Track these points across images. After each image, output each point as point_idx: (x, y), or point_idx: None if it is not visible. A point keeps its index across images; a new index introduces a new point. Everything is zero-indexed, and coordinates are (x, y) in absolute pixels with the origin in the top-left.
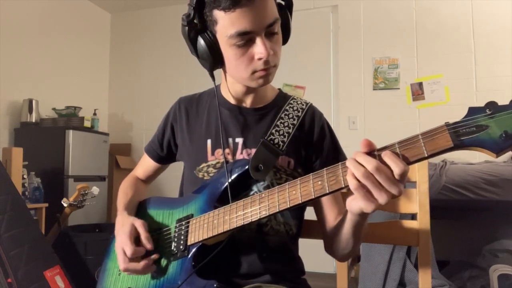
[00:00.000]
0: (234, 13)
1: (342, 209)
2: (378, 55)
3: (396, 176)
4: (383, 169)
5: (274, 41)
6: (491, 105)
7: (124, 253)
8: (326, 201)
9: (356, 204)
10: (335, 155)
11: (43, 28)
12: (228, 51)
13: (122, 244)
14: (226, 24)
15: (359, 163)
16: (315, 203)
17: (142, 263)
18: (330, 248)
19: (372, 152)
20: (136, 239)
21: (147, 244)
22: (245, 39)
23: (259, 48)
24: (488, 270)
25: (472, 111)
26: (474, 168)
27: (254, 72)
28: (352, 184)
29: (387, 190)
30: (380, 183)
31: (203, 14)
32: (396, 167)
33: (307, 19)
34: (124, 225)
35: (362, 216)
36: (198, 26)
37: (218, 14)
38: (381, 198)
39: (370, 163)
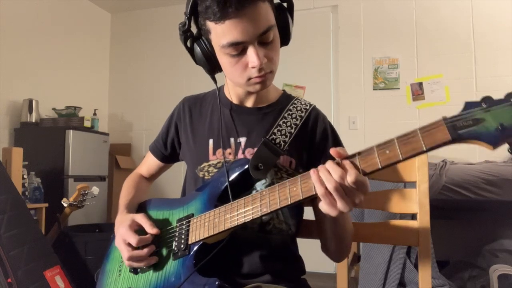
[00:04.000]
0: (224, 25)
1: None
2: (378, 55)
3: (351, 183)
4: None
5: (269, 48)
6: (487, 99)
7: (127, 244)
8: None
9: (322, 207)
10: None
11: (43, 28)
12: (223, 59)
13: (123, 236)
14: (218, 35)
15: (329, 172)
16: (315, 202)
17: (146, 249)
18: (324, 247)
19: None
20: (140, 232)
21: (152, 230)
22: (238, 49)
23: (251, 58)
24: (488, 270)
25: (469, 105)
26: (474, 168)
27: (249, 79)
28: (320, 191)
29: (350, 200)
30: (345, 193)
31: (198, 23)
32: (349, 176)
33: (307, 19)
34: (124, 221)
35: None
36: (194, 34)
37: (210, 24)
38: (344, 208)
39: (336, 172)
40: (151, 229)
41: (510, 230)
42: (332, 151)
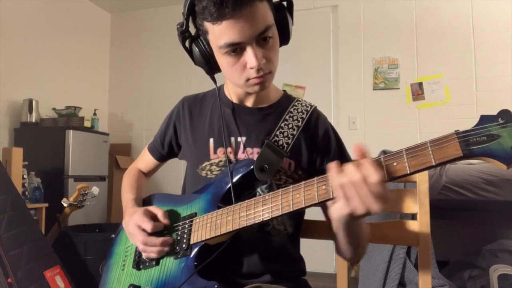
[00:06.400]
0: (221, 25)
1: None
2: (378, 55)
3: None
4: (361, 183)
5: (268, 48)
6: (504, 113)
7: (142, 229)
8: None
9: (333, 208)
10: (340, 159)
11: (43, 28)
12: (221, 60)
13: (138, 222)
14: (215, 35)
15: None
16: (324, 206)
17: (161, 238)
18: (338, 251)
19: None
20: None
21: (165, 219)
22: (236, 50)
23: (249, 59)
24: (488, 270)
25: (484, 119)
26: (474, 168)
27: (248, 79)
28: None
29: (366, 204)
30: (363, 194)
31: (196, 23)
32: (372, 175)
33: (307, 19)
34: (136, 211)
35: (347, 222)
36: (192, 35)
37: (207, 25)
38: (358, 208)
39: (354, 175)
40: (163, 218)
41: (510, 230)
42: (355, 146)
